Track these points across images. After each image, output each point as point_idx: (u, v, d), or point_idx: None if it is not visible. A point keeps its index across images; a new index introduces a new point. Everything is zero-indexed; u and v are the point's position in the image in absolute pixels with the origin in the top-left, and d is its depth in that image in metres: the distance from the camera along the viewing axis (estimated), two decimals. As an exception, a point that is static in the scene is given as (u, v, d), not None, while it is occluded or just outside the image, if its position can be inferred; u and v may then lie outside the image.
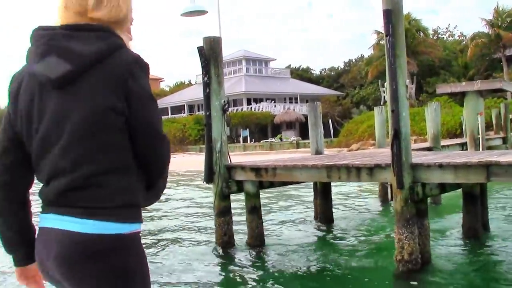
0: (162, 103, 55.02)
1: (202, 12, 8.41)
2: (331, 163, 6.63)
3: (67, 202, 1.56)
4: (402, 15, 5.92)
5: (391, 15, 5.67)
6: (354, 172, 6.35)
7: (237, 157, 11.76)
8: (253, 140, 44.07)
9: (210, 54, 7.42)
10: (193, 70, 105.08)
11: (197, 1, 8.30)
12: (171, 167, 2.05)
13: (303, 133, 43.49)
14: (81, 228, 1.53)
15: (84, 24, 1.59)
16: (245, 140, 44.10)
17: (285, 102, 51.60)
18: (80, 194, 1.55)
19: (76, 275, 1.55)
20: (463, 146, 13.25)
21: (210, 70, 7.39)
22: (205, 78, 7.42)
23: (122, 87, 1.54)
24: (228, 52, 49.39)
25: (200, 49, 7.38)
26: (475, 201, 7.47)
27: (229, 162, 7.56)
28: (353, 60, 60.48)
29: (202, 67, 7.43)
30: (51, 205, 1.60)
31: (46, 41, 1.57)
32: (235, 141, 42.67)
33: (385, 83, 5.97)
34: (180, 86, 65.50)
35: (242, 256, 7.13)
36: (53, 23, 1.64)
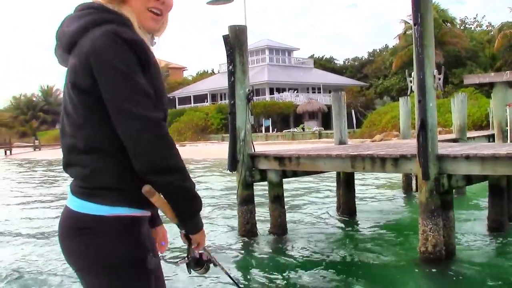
0: (184, 92, 55.31)
1: (228, 1, 8.37)
2: (355, 153, 6.59)
3: (70, 177, 1.66)
4: (431, 4, 5.83)
5: (420, 3, 5.57)
6: (378, 162, 6.30)
7: (259, 146, 11.75)
8: (275, 130, 44.01)
9: (235, 42, 7.41)
10: (216, 59, 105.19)
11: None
12: (192, 156, 1.90)
13: (326, 123, 43.29)
14: (72, 205, 1.60)
15: (83, 4, 1.65)
16: (267, 129, 44.08)
17: (307, 92, 51.32)
18: (70, 171, 1.63)
19: (65, 249, 1.63)
20: (489, 138, 13.04)
21: (235, 58, 7.39)
22: (230, 67, 7.42)
23: (87, 63, 1.50)
24: (251, 41, 49.21)
25: (225, 38, 7.37)
26: (501, 194, 7.36)
27: (253, 151, 7.58)
28: (378, 50, 59.78)
29: (227, 55, 7.43)
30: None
31: (60, 23, 1.66)
32: (257, 130, 42.67)
33: (412, 73, 5.90)
34: (203, 75, 65.60)
35: (265, 244, 7.16)
36: None
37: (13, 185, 17.59)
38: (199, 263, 1.77)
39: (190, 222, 1.63)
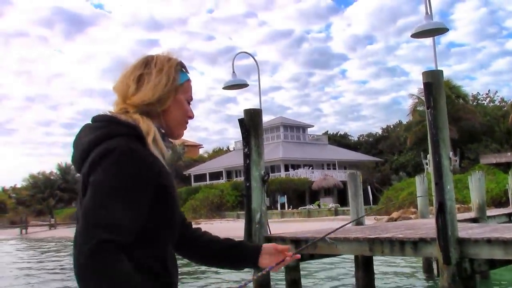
0: (200, 169, 55.67)
1: (243, 86, 8.62)
2: (373, 236, 6.47)
3: None
4: (443, 88, 5.92)
5: (432, 88, 5.67)
6: (397, 246, 6.16)
7: (274, 224, 11.60)
8: (291, 206, 43.64)
9: (250, 125, 7.53)
10: (232, 135, 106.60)
11: (235, 68, 8.48)
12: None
13: (342, 199, 42.90)
14: None
15: (100, 115, 1.63)
16: (282, 206, 43.70)
17: (323, 168, 51.35)
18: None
19: None
20: (510, 216, 12.78)
21: (250, 141, 7.48)
22: (246, 150, 7.49)
23: (86, 180, 1.48)
24: (265, 119, 50.02)
25: (241, 121, 7.51)
26: (527, 278, 7.10)
27: (269, 233, 7.48)
28: (391, 126, 60.30)
29: (243, 138, 7.53)
30: None
31: (78, 131, 1.64)
32: (272, 207, 42.34)
33: (428, 155, 5.90)
34: (218, 152, 66.33)
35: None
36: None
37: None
38: None
39: None
